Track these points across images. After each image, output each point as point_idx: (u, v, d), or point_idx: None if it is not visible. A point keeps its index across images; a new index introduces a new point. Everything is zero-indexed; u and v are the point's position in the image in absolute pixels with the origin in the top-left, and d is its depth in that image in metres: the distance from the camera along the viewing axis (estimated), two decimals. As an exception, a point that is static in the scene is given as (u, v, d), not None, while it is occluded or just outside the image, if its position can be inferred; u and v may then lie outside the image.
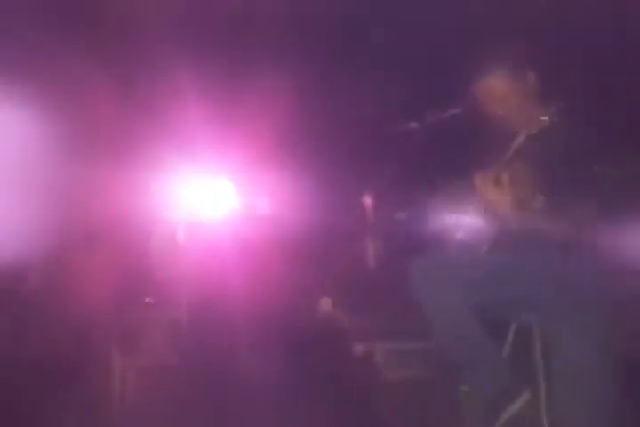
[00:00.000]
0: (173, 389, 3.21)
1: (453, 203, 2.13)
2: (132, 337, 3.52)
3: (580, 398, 1.68)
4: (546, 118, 1.74)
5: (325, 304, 3.70)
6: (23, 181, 2.75)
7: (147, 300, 3.80)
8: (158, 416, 2.74)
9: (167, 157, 3.50)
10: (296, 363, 3.13)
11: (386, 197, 2.17)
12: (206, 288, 3.53)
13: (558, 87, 1.88)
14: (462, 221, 2.08)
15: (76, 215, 3.28)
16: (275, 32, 3.37)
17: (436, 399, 2.69)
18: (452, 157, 2.16)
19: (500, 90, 1.88)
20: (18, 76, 2.63)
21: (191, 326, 3.59)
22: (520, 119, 1.88)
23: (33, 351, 3.26)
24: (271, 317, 3.33)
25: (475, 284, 1.88)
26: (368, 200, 2.17)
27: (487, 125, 1.94)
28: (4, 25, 2.69)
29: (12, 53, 2.67)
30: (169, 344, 3.55)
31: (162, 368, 3.37)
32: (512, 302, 1.88)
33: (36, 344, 3.30)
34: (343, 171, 3.25)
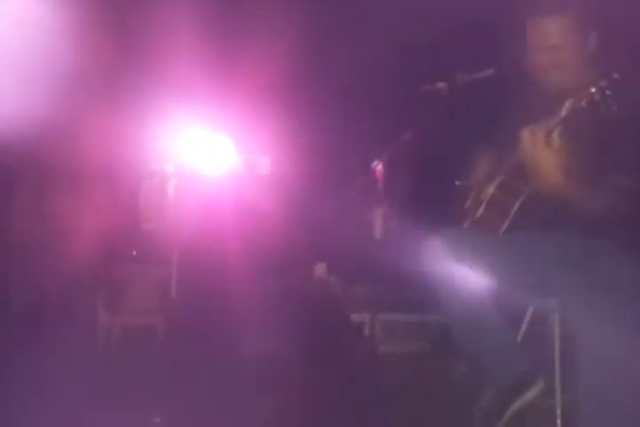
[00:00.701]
0: (158, 349, 3.13)
1: (474, 175, 1.97)
2: (117, 293, 3.41)
3: (599, 388, 1.57)
4: (594, 90, 1.54)
5: (320, 270, 3.60)
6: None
7: (134, 253, 3.69)
8: (140, 376, 2.66)
9: (165, 109, 3.31)
10: (287, 327, 3.05)
11: (400, 164, 2.00)
12: (198, 245, 3.40)
13: (615, 58, 1.69)
14: (483, 195, 1.93)
15: (62, 158, 3.10)
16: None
17: (431, 373, 2.63)
18: (481, 122, 1.98)
19: (552, 38, 1.69)
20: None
21: (180, 285, 3.47)
22: (567, 83, 1.70)
23: (13, 302, 3.14)
24: (263, 278, 3.23)
25: (491, 264, 1.75)
26: (379, 166, 2.00)
27: (527, 87, 1.77)
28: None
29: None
30: (156, 302, 3.44)
31: (147, 327, 3.27)
32: (530, 284, 1.76)
33: (17, 295, 3.18)
34: (353, 132, 3.07)
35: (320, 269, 3.58)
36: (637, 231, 1.65)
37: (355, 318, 3.01)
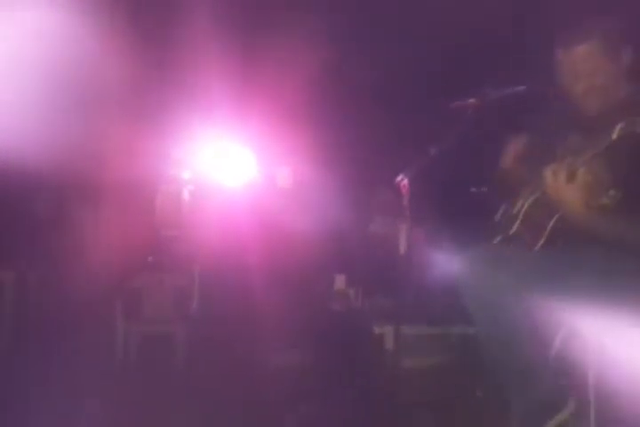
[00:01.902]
0: (176, 358, 3.12)
1: (506, 193, 1.95)
2: (135, 301, 3.41)
3: (634, 412, 1.55)
4: None
5: (339, 282, 3.58)
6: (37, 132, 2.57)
7: (149, 259, 3.70)
8: (155, 385, 2.64)
9: (186, 120, 3.33)
10: (307, 338, 3.04)
11: (426, 178, 1.98)
12: (218, 255, 3.40)
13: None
14: (513, 212, 1.91)
15: (81, 168, 3.12)
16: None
17: (454, 387, 2.60)
18: (511, 138, 1.95)
19: (584, 66, 1.67)
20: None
21: (200, 294, 3.47)
22: (606, 105, 1.66)
23: (34, 310, 3.16)
24: (282, 287, 3.22)
25: (524, 282, 1.72)
26: (405, 180, 1.97)
27: (560, 104, 1.74)
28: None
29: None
30: (175, 311, 3.44)
31: (166, 335, 3.26)
32: (564, 301, 1.73)
33: (38, 303, 3.20)
34: (379, 145, 3.05)
35: (339, 280, 3.56)
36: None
37: (376, 330, 2.98)
